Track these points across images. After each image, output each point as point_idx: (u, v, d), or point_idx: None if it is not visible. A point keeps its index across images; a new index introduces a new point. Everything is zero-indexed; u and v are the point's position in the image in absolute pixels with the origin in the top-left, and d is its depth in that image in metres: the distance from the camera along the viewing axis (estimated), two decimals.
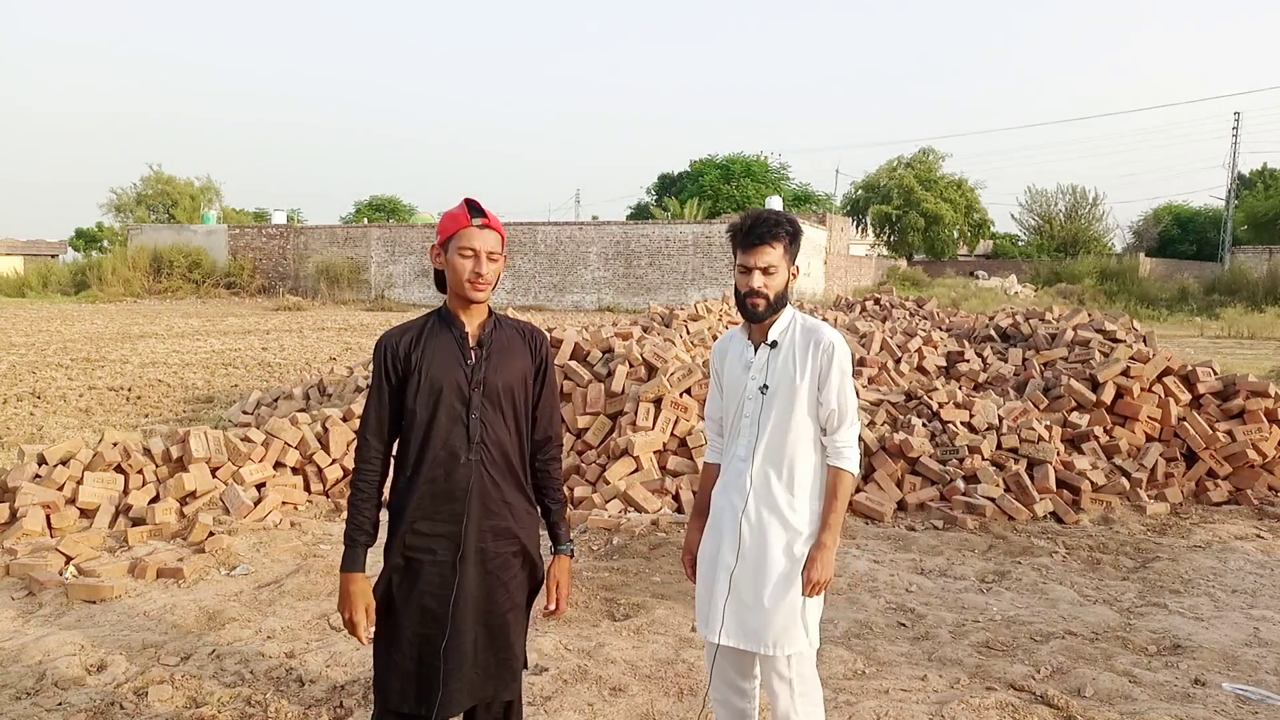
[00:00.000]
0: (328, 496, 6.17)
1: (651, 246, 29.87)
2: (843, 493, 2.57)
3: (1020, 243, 55.07)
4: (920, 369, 9.03)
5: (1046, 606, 4.53)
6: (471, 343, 2.36)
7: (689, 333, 9.48)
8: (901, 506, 6.22)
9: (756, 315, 2.56)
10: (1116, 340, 8.61)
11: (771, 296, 2.53)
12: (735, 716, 2.73)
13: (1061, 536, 5.72)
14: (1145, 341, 8.69)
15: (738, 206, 40.49)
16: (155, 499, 5.61)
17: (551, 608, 2.48)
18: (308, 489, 6.16)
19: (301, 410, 7.97)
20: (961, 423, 7.01)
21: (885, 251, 47.41)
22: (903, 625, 4.28)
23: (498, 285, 2.39)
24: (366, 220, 48.07)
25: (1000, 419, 6.99)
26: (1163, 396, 7.20)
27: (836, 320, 12.78)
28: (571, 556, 2.53)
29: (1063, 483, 6.37)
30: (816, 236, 31.73)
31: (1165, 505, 6.38)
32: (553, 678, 3.59)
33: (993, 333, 10.34)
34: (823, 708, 2.67)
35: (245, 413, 9.00)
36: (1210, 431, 6.90)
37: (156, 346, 16.24)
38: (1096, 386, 7.43)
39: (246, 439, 6.07)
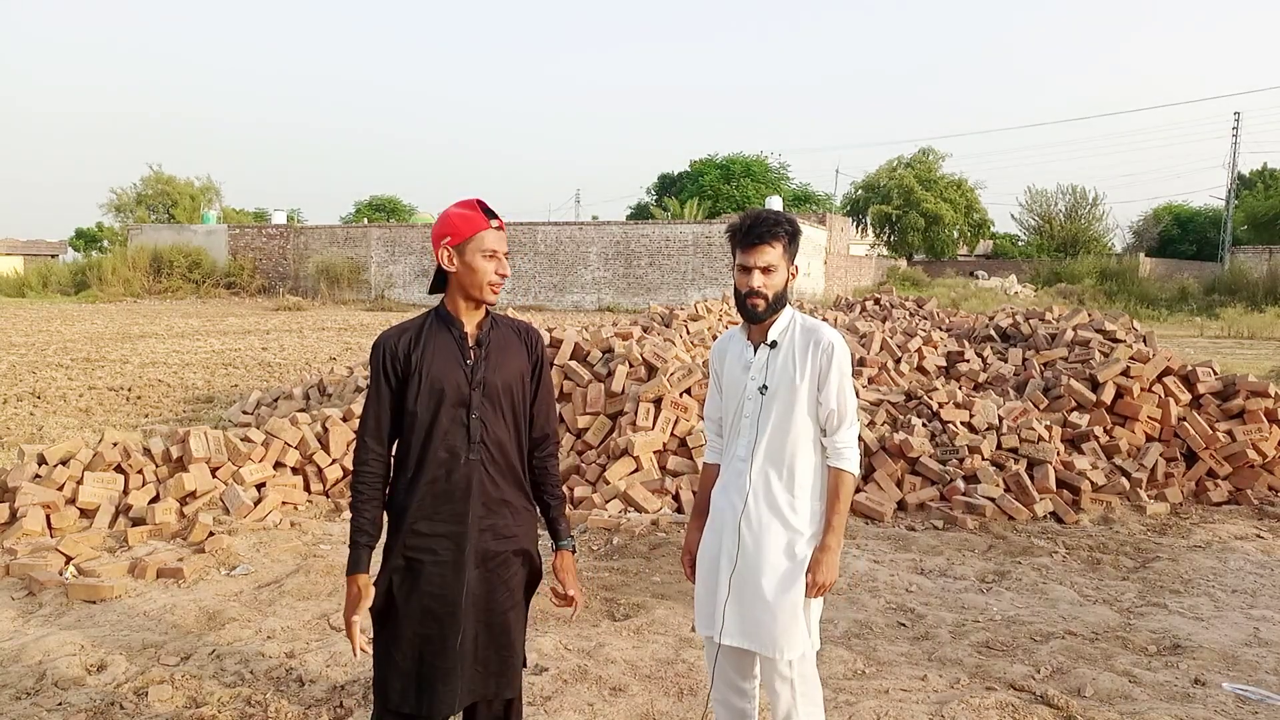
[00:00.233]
0: (328, 496, 6.17)
1: (651, 246, 29.88)
2: (844, 494, 2.57)
3: (1020, 243, 55.06)
4: (920, 369, 9.04)
5: (1046, 606, 4.53)
6: (470, 342, 2.36)
7: (689, 333, 9.48)
8: (901, 506, 6.22)
9: (756, 315, 2.56)
10: (1116, 340, 8.61)
11: (771, 296, 2.53)
12: (735, 717, 2.73)
13: (1061, 536, 5.72)
14: (1145, 341, 8.69)
15: (738, 206, 40.50)
16: (155, 499, 5.61)
17: (571, 593, 2.47)
18: (308, 489, 6.16)
19: (301, 410, 7.97)
20: (961, 423, 7.01)
21: (885, 251, 47.40)
22: (903, 625, 4.28)
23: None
24: (366, 220, 48.09)
25: (1000, 419, 6.99)
26: (1163, 396, 7.20)
27: (836, 320, 12.78)
28: (573, 552, 2.53)
29: (1063, 483, 6.37)
30: (816, 236, 31.73)
31: (1165, 505, 6.38)
32: (553, 678, 3.59)
33: (993, 333, 10.34)
34: (823, 708, 2.68)
35: (245, 413, 9.00)
36: (1210, 431, 6.90)
37: (156, 346, 16.24)
38: (1096, 386, 7.43)
39: (246, 439, 6.07)
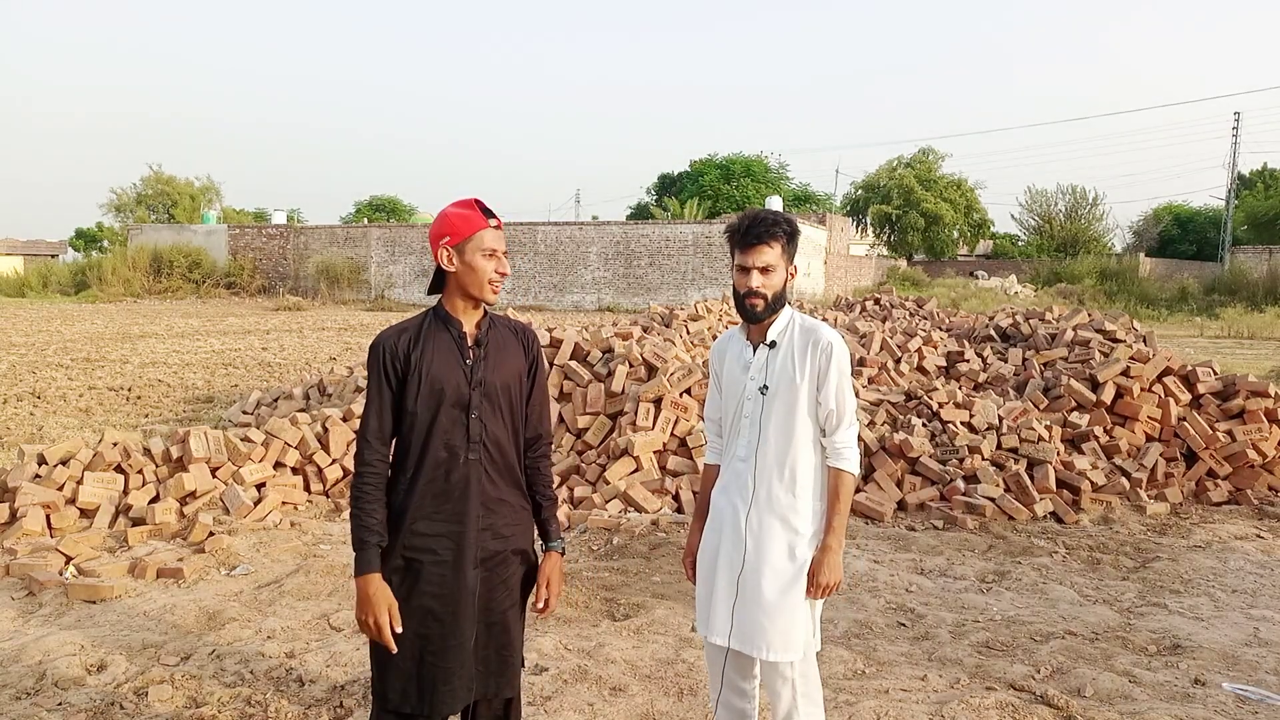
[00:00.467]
0: (328, 496, 6.17)
1: (651, 246, 29.88)
2: (845, 494, 2.57)
3: (1020, 243, 55.01)
4: (920, 369, 9.03)
5: (1046, 606, 4.53)
6: (470, 342, 2.36)
7: (689, 333, 9.49)
8: (901, 506, 6.22)
9: (755, 315, 2.56)
10: (1116, 340, 8.61)
11: (770, 296, 2.53)
12: (735, 717, 2.73)
13: (1061, 536, 5.72)
14: (1145, 341, 8.69)
15: (737, 206, 40.49)
16: (155, 499, 5.61)
17: (541, 605, 2.45)
18: (308, 489, 6.16)
19: (301, 410, 7.96)
20: (961, 423, 7.01)
21: (885, 251, 47.39)
22: (903, 625, 4.28)
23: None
24: (366, 220, 48.09)
25: (1000, 419, 6.99)
26: (1163, 396, 7.20)
27: (836, 320, 12.78)
28: (562, 554, 2.53)
29: (1063, 483, 6.37)
30: (816, 236, 31.71)
31: (1165, 505, 6.38)
32: (553, 678, 3.59)
33: (993, 333, 10.34)
34: (823, 708, 2.68)
35: (245, 413, 9.00)
36: (1210, 431, 6.90)
37: (156, 346, 16.24)
38: (1096, 386, 7.43)
39: (246, 439, 6.07)
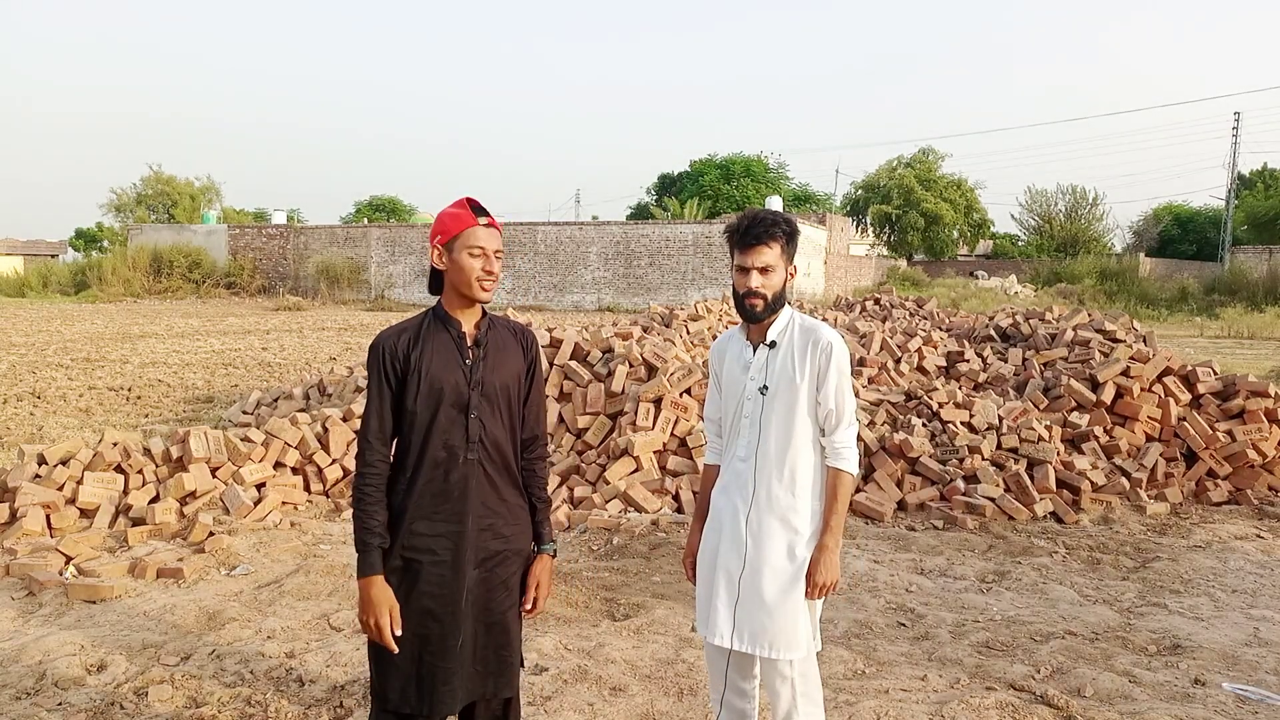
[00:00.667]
0: (328, 496, 6.17)
1: (651, 246, 29.87)
2: (843, 494, 2.57)
3: (1020, 243, 55.01)
4: (920, 369, 9.03)
5: (1046, 606, 4.53)
6: (469, 343, 2.36)
7: (689, 333, 9.49)
8: (901, 506, 6.22)
9: (755, 315, 2.56)
10: (1116, 340, 8.61)
11: (769, 296, 2.53)
12: (735, 716, 2.73)
13: (1061, 536, 5.72)
14: (1145, 341, 8.69)
15: (737, 206, 40.50)
16: (155, 499, 5.61)
17: (528, 607, 2.45)
18: (308, 489, 6.16)
19: (301, 410, 7.96)
20: (961, 423, 7.01)
21: (885, 251, 47.38)
22: (903, 625, 4.28)
23: (497, 285, 2.39)
24: (366, 220, 48.07)
25: (1000, 419, 6.99)
26: (1163, 396, 7.20)
27: (836, 320, 12.78)
28: (553, 556, 2.52)
29: (1063, 483, 6.37)
30: (816, 236, 31.71)
31: (1165, 505, 6.38)
32: (553, 678, 3.59)
33: (993, 333, 10.34)
34: (823, 708, 2.68)
35: (245, 413, 9.00)
36: (1210, 431, 6.90)
37: (156, 346, 16.24)
38: (1096, 386, 7.43)
39: (246, 439, 6.07)
